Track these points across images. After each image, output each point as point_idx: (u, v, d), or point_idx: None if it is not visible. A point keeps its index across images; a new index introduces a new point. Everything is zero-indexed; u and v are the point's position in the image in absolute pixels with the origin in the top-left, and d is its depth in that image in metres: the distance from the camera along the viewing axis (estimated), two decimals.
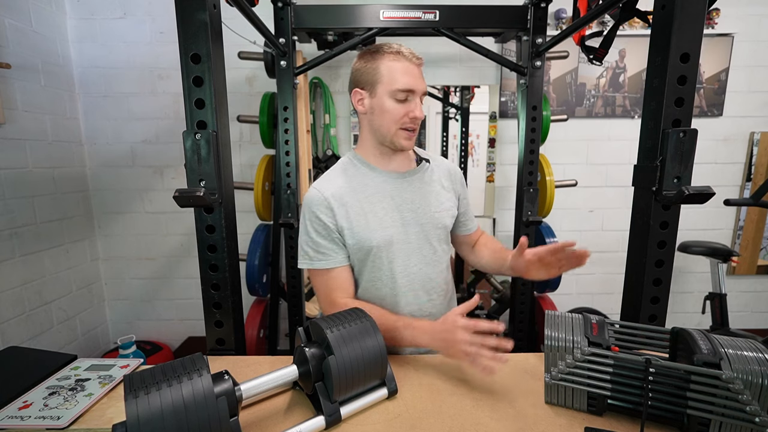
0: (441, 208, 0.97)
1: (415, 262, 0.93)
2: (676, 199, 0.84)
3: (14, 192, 1.82)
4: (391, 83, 0.86)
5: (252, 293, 2.08)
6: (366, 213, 0.90)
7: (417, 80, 0.87)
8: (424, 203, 0.95)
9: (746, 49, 2.27)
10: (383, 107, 0.88)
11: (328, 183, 0.92)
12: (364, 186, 0.92)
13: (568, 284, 2.44)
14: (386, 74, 0.86)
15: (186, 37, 0.86)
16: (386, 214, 0.91)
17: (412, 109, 0.87)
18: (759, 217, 2.42)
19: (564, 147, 2.36)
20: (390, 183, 0.93)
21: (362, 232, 0.88)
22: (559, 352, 0.70)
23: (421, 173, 0.98)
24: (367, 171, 0.94)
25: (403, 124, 0.88)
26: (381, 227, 0.90)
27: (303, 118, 1.96)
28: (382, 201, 0.92)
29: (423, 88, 0.88)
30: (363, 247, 0.89)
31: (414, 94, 0.87)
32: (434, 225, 0.95)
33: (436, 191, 0.98)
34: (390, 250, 0.91)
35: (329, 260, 0.90)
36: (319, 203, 0.89)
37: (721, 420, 0.60)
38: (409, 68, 0.87)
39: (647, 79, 0.90)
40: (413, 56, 0.88)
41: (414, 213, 0.94)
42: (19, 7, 1.86)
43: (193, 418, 0.53)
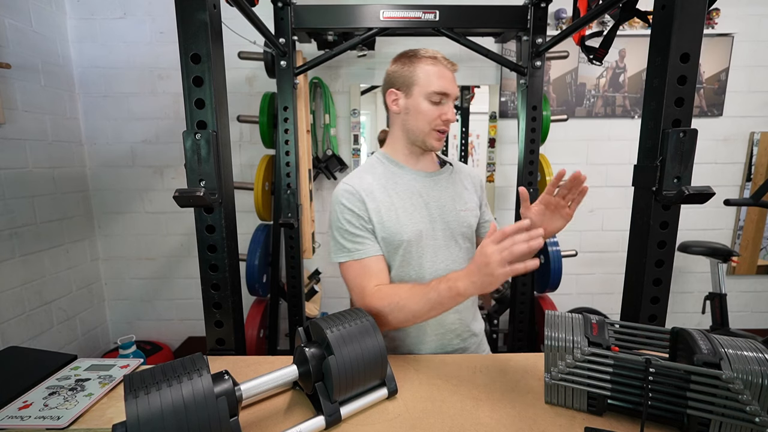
0: (466, 208, 0.99)
1: (442, 259, 0.95)
2: (676, 199, 0.84)
3: (14, 192, 1.83)
4: (428, 86, 0.90)
5: (252, 293, 2.08)
6: (396, 208, 0.92)
7: (451, 84, 0.91)
8: (450, 202, 0.97)
9: (746, 49, 2.27)
10: (418, 108, 0.91)
11: (358, 179, 0.94)
12: (394, 183, 0.95)
13: (568, 284, 2.44)
14: (423, 77, 0.90)
15: (186, 37, 0.86)
16: (415, 210, 0.93)
17: (445, 112, 0.91)
18: (759, 217, 2.42)
19: (564, 147, 2.36)
20: (418, 181, 0.96)
21: (393, 225, 0.90)
22: (559, 352, 0.69)
23: (447, 174, 1.02)
24: (395, 169, 0.97)
25: (436, 126, 0.92)
26: (411, 222, 0.92)
27: (303, 118, 1.96)
28: (411, 197, 0.94)
29: (456, 92, 0.93)
30: (393, 241, 0.91)
31: (448, 97, 0.91)
32: (460, 223, 0.97)
33: (459, 192, 1.00)
34: (420, 245, 0.93)
35: (367, 249, 0.90)
36: (350, 196, 0.91)
37: (721, 420, 0.60)
38: (444, 72, 0.91)
39: (647, 79, 0.90)
40: (448, 62, 0.93)
41: (441, 210, 0.96)
42: (19, 7, 1.86)
43: (193, 418, 0.53)
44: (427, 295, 0.79)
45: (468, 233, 0.99)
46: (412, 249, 0.92)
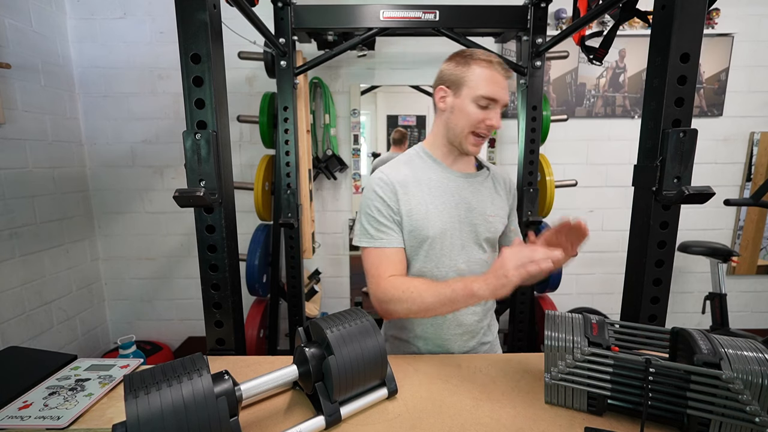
0: (495, 214, 0.99)
1: (463, 260, 0.95)
2: (676, 199, 0.84)
3: (14, 192, 1.83)
4: (477, 88, 0.89)
5: (252, 293, 2.08)
6: (427, 203, 0.93)
7: (502, 90, 0.89)
8: (480, 206, 0.97)
9: (746, 49, 2.27)
10: (464, 109, 0.91)
11: (395, 170, 0.95)
12: (428, 179, 0.95)
13: (568, 284, 2.44)
14: (474, 79, 0.89)
15: (186, 37, 0.86)
16: (445, 208, 0.94)
17: (490, 117, 0.90)
18: (759, 217, 2.42)
19: (564, 147, 2.36)
20: (453, 181, 0.97)
21: (421, 220, 0.91)
22: (559, 352, 0.69)
23: (482, 178, 1.01)
24: (433, 165, 0.98)
25: (477, 129, 0.91)
26: (439, 219, 0.92)
27: (303, 118, 1.96)
28: (442, 195, 0.94)
29: (506, 99, 0.91)
30: (419, 235, 0.92)
31: (496, 103, 0.89)
32: (486, 228, 0.97)
33: (491, 197, 1.00)
34: (443, 243, 0.93)
35: (390, 239, 0.92)
36: (385, 186, 0.92)
37: (721, 420, 0.60)
38: (496, 78, 0.89)
39: (647, 79, 0.90)
40: (503, 69, 0.90)
41: (469, 213, 0.96)
42: (19, 7, 1.86)
43: (193, 418, 0.53)
44: (442, 291, 0.81)
45: (492, 239, 0.99)
46: (436, 246, 0.93)
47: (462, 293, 0.78)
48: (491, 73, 0.88)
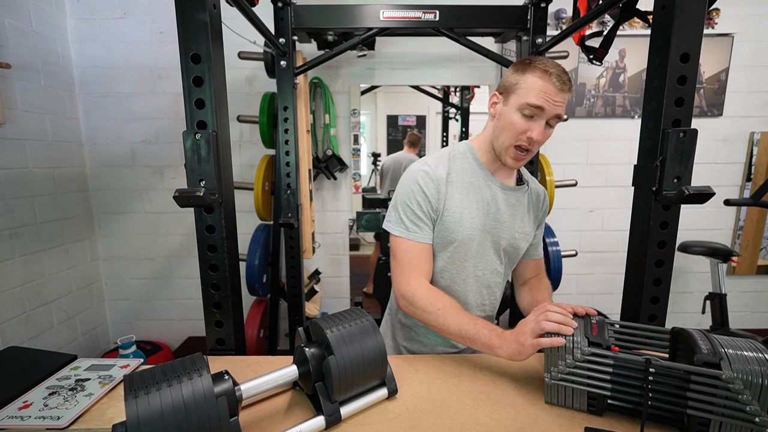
0: (523, 231, 0.99)
1: (482, 268, 0.97)
2: (676, 199, 0.84)
3: (14, 192, 1.82)
4: (524, 96, 0.84)
5: (252, 293, 2.08)
6: (462, 207, 0.92)
7: (550, 101, 0.83)
8: (510, 221, 0.97)
9: (746, 49, 2.27)
10: (508, 117, 0.87)
11: (440, 166, 0.93)
12: (469, 182, 0.94)
13: (568, 284, 2.44)
14: (524, 87, 0.85)
15: (186, 37, 0.86)
16: (478, 215, 0.94)
17: (533, 128, 0.85)
18: (759, 217, 2.42)
19: (564, 147, 2.36)
20: (491, 189, 0.96)
21: (454, 223, 0.91)
22: (559, 352, 0.70)
23: (520, 194, 1.00)
24: (476, 168, 0.96)
25: (518, 141, 0.87)
26: (470, 225, 0.92)
27: (303, 118, 1.96)
28: (479, 202, 0.94)
29: (555, 111, 0.84)
30: (448, 236, 0.92)
31: (542, 112, 0.84)
32: (510, 244, 0.98)
33: (522, 215, 1.00)
34: (468, 248, 0.94)
35: (423, 235, 0.92)
36: (429, 181, 0.91)
37: (721, 420, 0.60)
38: (548, 88, 0.83)
39: (647, 79, 0.90)
40: (560, 80, 0.83)
41: (499, 225, 0.96)
42: (19, 7, 1.86)
43: (193, 418, 0.53)
44: (465, 326, 0.82)
45: (514, 255, 1.00)
46: (461, 250, 0.94)
47: (484, 340, 0.79)
48: (544, 83, 0.83)
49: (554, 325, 0.71)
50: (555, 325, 0.71)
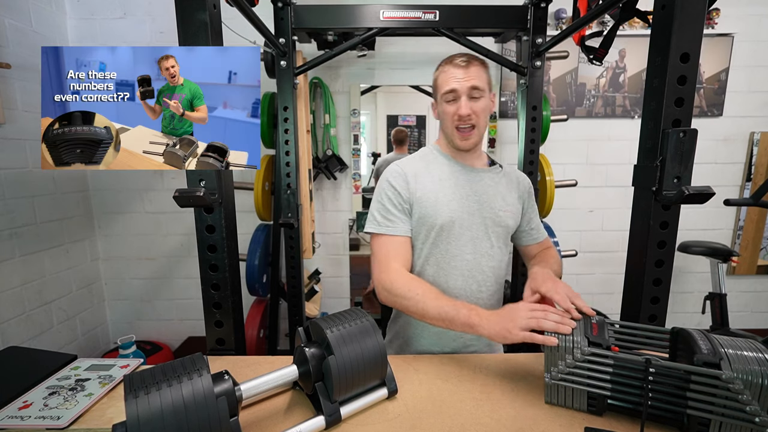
0: (506, 208, 1.01)
1: (470, 250, 0.97)
2: (676, 199, 0.84)
3: (14, 192, 1.82)
4: (441, 88, 0.96)
5: (252, 293, 2.08)
6: (436, 192, 0.97)
7: (459, 81, 0.93)
8: (490, 200, 0.99)
9: (746, 49, 2.27)
10: (442, 111, 0.98)
11: (408, 163, 1.02)
12: (440, 171, 1.00)
13: (568, 284, 2.44)
14: (439, 82, 0.97)
15: (186, 37, 0.86)
16: (454, 198, 0.97)
17: (458, 107, 0.94)
18: (759, 217, 2.42)
19: (564, 147, 2.36)
20: (463, 174, 1.00)
21: (430, 207, 0.95)
22: (559, 352, 0.70)
23: (493, 173, 1.04)
24: (444, 160, 1.03)
25: (455, 123, 0.95)
26: (448, 208, 0.95)
27: (303, 118, 1.96)
28: (453, 186, 0.98)
29: (466, 85, 0.92)
30: (427, 222, 0.95)
31: (457, 92, 0.93)
32: (495, 222, 0.99)
33: (503, 193, 1.02)
34: (451, 231, 0.96)
35: (395, 228, 0.96)
36: (397, 175, 0.98)
37: (721, 420, 0.60)
38: (453, 71, 0.94)
39: (647, 79, 0.90)
40: (461, 60, 0.94)
41: (479, 205, 0.98)
42: (19, 7, 1.86)
43: (193, 418, 0.53)
44: (444, 307, 0.83)
45: (503, 233, 1.01)
46: (444, 233, 0.96)
47: (463, 319, 0.80)
48: (449, 69, 0.94)
49: (552, 324, 0.71)
50: (553, 324, 0.71)
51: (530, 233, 1.10)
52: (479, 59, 0.96)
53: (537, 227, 1.11)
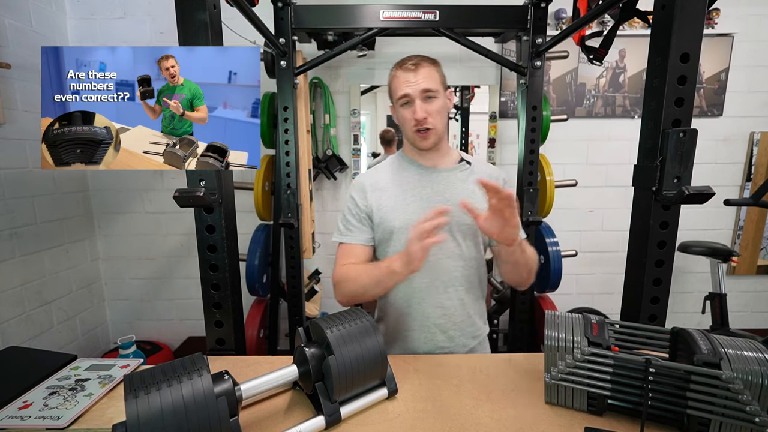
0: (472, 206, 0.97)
1: (433, 251, 0.95)
2: (676, 199, 0.84)
3: (14, 192, 1.82)
4: (395, 94, 0.97)
5: (252, 293, 2.08)
6: (395, 197, 0.99)
7: (411, 85, 0.93)
8: (455, 198, 0.98)
9: (746, 49, 2.27)
10: (399, 116, 1.00)
11: (373, 172, 1.06)
12: (401, 176, 1.02)
13: (568, 284, 2.44)
14: (393, 87, 0.98)
15: (186, 37, 0.86)
16: (414, 201, 0.99)
17: (413, 111, 0.94)
18: (759, 217, 2.42)
19: (564, 147, 2.36)
20: (426, 176, 1.01)
21: (388, 213, 0.98)
22: (559, 352, 0.70)
23: (458, 171, 1.04)
24: (407, 165, 1.04)
25: (413, 128, 0.96)
26: (405, 212, 0.97)
27: (303, 118, 1.96)
28: (414, 189, 1.00)
29: (418, 89, 0.93)
30: (387, 227, 0.98)
31: (410, 96, 0.94)
32: (461, 220, 0.98)
33: (470, 190, 1.01)
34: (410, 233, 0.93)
35: (353, 237, 1.00)
36: (357, 188, 1.03)
37: (721, 420, 0.60)
38: (404, 76, 0.94)
39: (647, 79, 0.90)
40: (410, 63, 0.95)
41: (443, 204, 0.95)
42: (19, 7, 1.86)
43: (193, 418, 0.53)
44: (372, 272, 0.89)
45: (468, 231, 0.99)
46: (402, 237, 0.97)
47: (385, 272, 0.85)
48: (400, 74, 0.95)
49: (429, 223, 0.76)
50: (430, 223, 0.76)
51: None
52: (429, 59, 0.97)
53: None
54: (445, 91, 0.98)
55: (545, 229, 2.10)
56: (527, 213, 1.87)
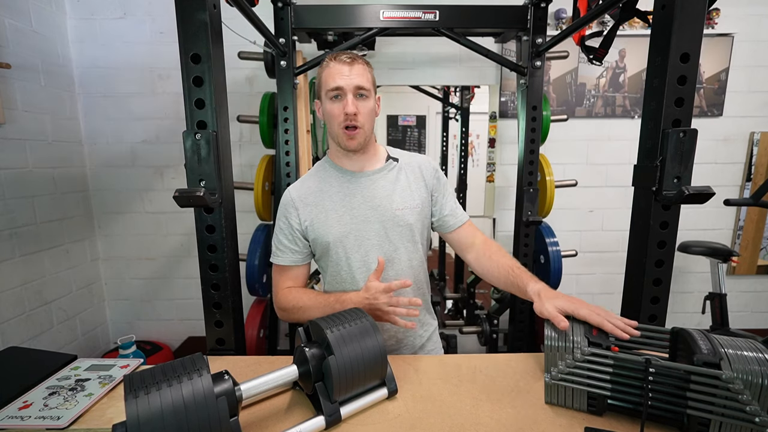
0: (404, 206, 0.98)
1: (373, 258, 0.96)
2: (676, 199, 0.84)
3: (14, 192, 1.82)
4: (325, 86, 0.92)
5: (252, 293, 2.08)
6: (327, 210, 0.96)
7: (344, 78, 0.89)
8: (387, 201, 0.97)
9: (746, 49, 2.27)
10: (326, 111, 0.94)
11: (300, 184, 1.02)
12: (329, 186, 0.99)
13: (568, 284, 2.44)
14: (323, 80, 0.93)
15: (186, 37, 0.86)
16: (346, 211, 0.96)
17: (344, 105, 0.90)
18: (759, 217, 2.42)
19: (564, 147, 2.36)
20: (353, 182, 0.98)
21: (321, 227, 0.96)
22: (559, 352, 0.70)
23: (386, 172, 1.00)
24: (333, 172, 1.01)
25: (341, 123, 0.92)
26: (339, 223, 0.95)
27: (303, 118, 1.96)
28: (343, 199, 0.97)
29: (352, 83, 0.90)
30: (322, 242, 0.96)
31: (342, 89, 0.90)
32: (395, 222, 0.97)
33: (401, 189, 0.99)
34: (346, 245, 0.96)
35: (284, 258, 0.98)
36: (287, 205, 0.99)
37: (721, 420, 0.60)
38: (338, 69, 0.90)
39: (647, 79, 0.90)
40: (346, 57, 0.91)
41: (374, 210, 0.96)
42: (19, 7, 1.86)
43: (193, 418, 0.53)
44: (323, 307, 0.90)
45: (406, 232, 0.98)
46: (339, 250, 0.96)
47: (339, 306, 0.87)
48: (333, 66, 0.91)
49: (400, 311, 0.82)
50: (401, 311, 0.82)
51: (446, 220, 1.03)
52: (364, 59, 0.94)
53: (453, 212, 1.03)
54: (375, 96, 0.95)
55: (545, 229, 2.10)
56: (527, 213, 1.87)
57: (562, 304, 0.77)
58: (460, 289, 2.79)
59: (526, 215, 1.87)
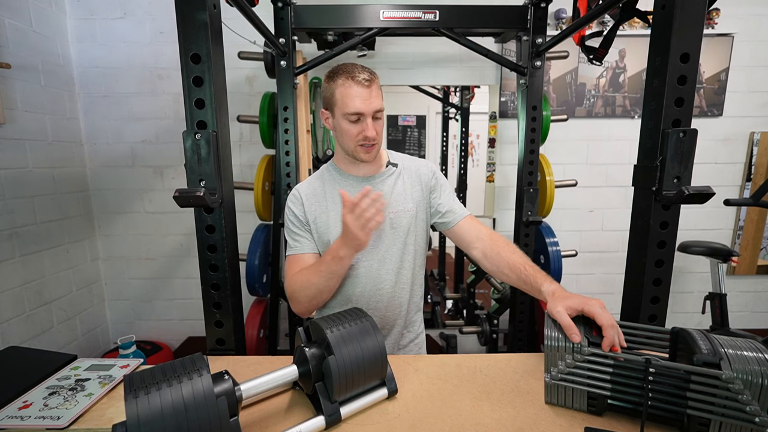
0: (399, 209, 1.02)
1: (368, 257, 1.01)
2: (676, 199, 0.84)
3: (14, 192, 1.82)
4: (343, 107, 0.92)
5: (252, 293, 2.08)
6: (329, 211, 1.00)
7: (365, 103, 0.91)
8: (386, 207, 1.01)
9: (746, 49, 2.27)
10: (341, 128, 0.96)
11: (306, 184, 1.06)
12: (333, 188, 1.03)
13: (568, 284, 2.44)
14: (339, 99, 0.93)
15: (186, 37, 0.86)
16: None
17: (364, 129, 0.93)
18: (759, 217, 2.42)
19: (564, 147, 2.36)
20: (356, 186, 1.02)
21: (323, 226, 1.00)
22: (559, 352, 0.70)
23: (386, 176, 1.05)
24: (337, 176, 1.05)
25: (359, 142, 0.95)
26: (339, 223, 0.97)
27: (303, 118, 1.96)
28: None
29: (372, 108, 0.92)
30: (324, 240, 1.00)
31: (364, 115, 0.92)
32: (391, 225, 1.01)
33: (397, 193, 1.03)
34: None
35: (302, 246, 1.01)
36: (294, 199, 1.03)
37: (721, 420, 0.60)
38: (358, 92, 0.91)
39: (647, 79, 0.90)
40: (364, 79, 0.92)
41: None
42: (19, 7, 1.86)
43: (193, 418, 0.53)
44: (320, 268, 0.91)
45: (400, 234, 1.02)
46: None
47: (331, 261, 0.89)
48: (352, 89, 0.91)
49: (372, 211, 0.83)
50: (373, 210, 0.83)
51: (446, 217, 1.05)
52: (375, 75, 0.95)
53: (451, 209, 1.06)
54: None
55: (545, 229, 2.10)
56: (527, 213, 1.87)
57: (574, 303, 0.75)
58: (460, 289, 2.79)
59: (526, 215, 1.87)
